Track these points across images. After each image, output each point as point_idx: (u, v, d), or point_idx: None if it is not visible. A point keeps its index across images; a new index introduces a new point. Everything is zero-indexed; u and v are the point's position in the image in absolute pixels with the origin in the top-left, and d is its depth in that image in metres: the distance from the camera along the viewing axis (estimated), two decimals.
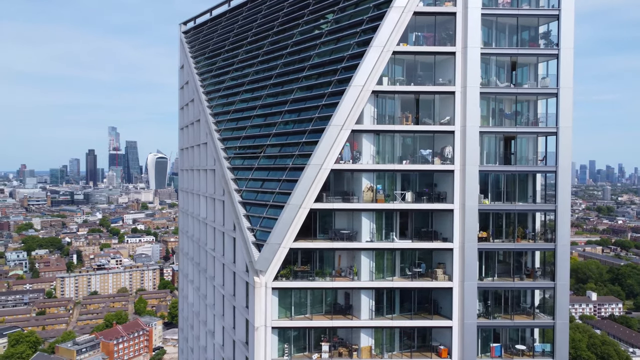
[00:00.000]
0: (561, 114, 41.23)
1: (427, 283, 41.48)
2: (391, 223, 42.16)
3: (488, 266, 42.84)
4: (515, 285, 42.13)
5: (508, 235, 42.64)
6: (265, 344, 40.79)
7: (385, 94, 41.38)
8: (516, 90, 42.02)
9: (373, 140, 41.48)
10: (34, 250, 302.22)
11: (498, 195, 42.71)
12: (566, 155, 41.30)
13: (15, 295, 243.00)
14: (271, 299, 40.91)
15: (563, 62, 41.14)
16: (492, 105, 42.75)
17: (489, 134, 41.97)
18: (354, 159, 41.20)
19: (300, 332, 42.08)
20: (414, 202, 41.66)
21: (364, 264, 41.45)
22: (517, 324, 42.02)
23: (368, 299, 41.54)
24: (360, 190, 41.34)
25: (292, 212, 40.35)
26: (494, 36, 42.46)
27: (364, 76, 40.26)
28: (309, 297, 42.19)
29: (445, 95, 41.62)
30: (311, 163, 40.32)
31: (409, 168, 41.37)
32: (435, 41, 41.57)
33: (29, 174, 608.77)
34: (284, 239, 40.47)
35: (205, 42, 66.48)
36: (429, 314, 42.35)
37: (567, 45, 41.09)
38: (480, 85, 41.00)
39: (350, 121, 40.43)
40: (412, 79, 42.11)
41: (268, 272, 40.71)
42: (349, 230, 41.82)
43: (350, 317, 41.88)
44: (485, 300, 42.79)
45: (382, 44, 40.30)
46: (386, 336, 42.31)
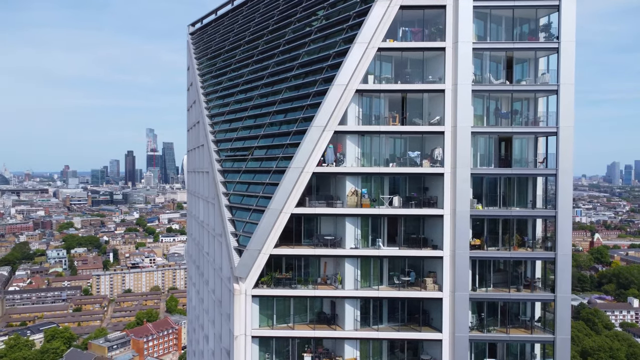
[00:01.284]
0: (562, 112, 38.14)
1: (415, 293, 39.14)
2: (378, 229, 40.00)
3: (482, 276, 40.11)
4: (510, 297, 39.26)
5: (505, 243, 39.83)
6: (245, 354, 39.35)
7: (370, 92, 39.28)
8: (512, 87, 39.14)
9: (358, 142, 39.44)
10: (74, 249, 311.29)
11: (494, 200, 39.96)
12: (567, 156, 38.18)
13: (54, 291, 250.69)
14: (251, 306, 39.43)
15: (564, 57, 38.05)
16: (486, 104, 40.02)
17: (483, 134, 39.26)
18: (337, 161, 39.26)
19: (283, 342, 40.45)
20: (402, 207, 39.37)
21: (349, 271, 39.45)
22: (513, 339, 39.14)
23: (353, 308, 39.52)
24: (345, 194, 39.38)
25: (273, 217, 38.75)
26: (489, 30, 39.71)
27: (347, 74, 38.29)
28: (292, 306, 40.48)
29: (435, 94, 39.18)
30: (292, 166, 38.62)
31: (395, 171, 39.14)
32: (424, 36, 39.21)
33: (72, 174, 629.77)
34: (264, 245, 38.92)
35: (208, 43, 65.70)
36: (419, 326, 40.00)
37: (568, 38, 37.98)
38: (473, 83, 38.42)
39: (333, 122, 38.53)
40: (401, 77, 39.86)
41: (248, 279, 39.26)
42: (333, 236, 39.93)
43: (335, 327, 39.96)
44: (480, 312, 40.09)
45: (367, 40, 38.22)
46: (373, 348, 40.19)
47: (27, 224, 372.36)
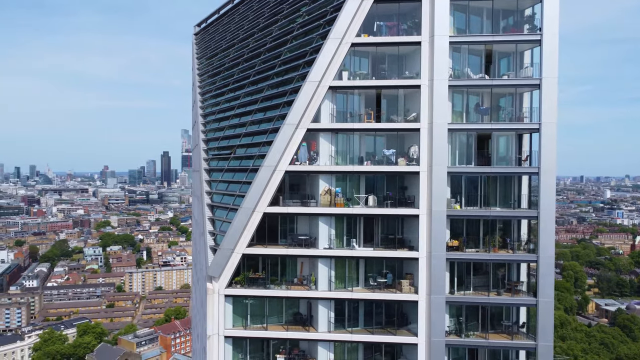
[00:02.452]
0: (544, 108, 36.28)
1: (390, 295, 37.99)
2: (353, 229, 39.03)
3: (461, 278, 38.61)
4: (489, 301, 37.63)
5: (486, 244, 38.21)
6: (218, 354, 39.06)
7: (344, 89, 38.35)
8: (491, 82, 37.47)
9: (331, 140, 38.57)
10: (109, 246, 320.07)
11: (474, 200, 38.39)
12: (550, 154, 36.27)
13: (89, 288, 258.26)
14: (224, 306, 39.11)
15: (546, 49, 36.19)
16: (466, 100, 38.48)
17: (460, 131, 37.76)
18: (311, 159, 38.51)
19: (257, 343, 39.97)
20: (377, 206, 38.30)
21: (322, 272, 38.63)
22: (493, 344, 37.48)
23: (326, 310, 38.67)
24: (319, 193, 38.59)
25: (245, 216, 38.34)
26: (469, 23, 38.17)
27: (320, 71, 37.51)
28: (267, 306, 39.92)
29: (412, 90, 37.95)
30: (264, 164, 38.11)
31: (369, 170, 38.09)
32: (400, 31, 38.02)
33: (110, 174, 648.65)
34: (237, 244, 38.55)
35: (208, 42, 66.01)
36: (397, 329, 38.81)
37: (551, 30, 36.10)
38: (450, 78, 37.00)
39: (306, 120, 37.82)
40: (377, 73, 38.81)
41: (221, 279, 38.96)
42: (308, 236, 39.19)
43: (310, 328, 39.20)
44: (458, 316, 38.60)
45: (340, 35, 37.34)
46: (348, 351, 39.23)
47: (67, 222, 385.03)
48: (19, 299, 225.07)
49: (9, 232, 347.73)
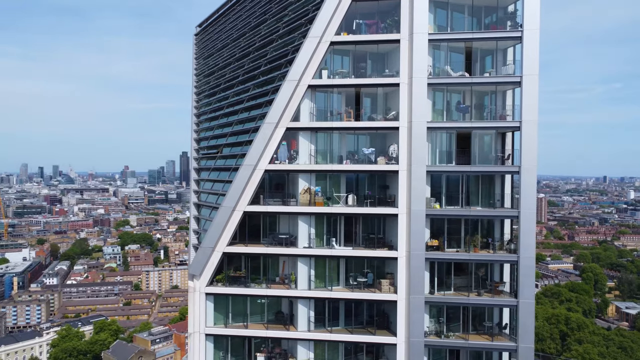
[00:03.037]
0: (525, 105, 35.70)
1: (369, 295, 37.79)
2: (334, 228, 38.91)
3: (442, 278, 38.21)
4: (469, 302, 37.14)
5: (467, 244, 37.74)
6: (199, 351, 39.36)
7: (323, 88, 38.27)
8: (470, 79, 36.96)
9: (311, 139, 38.51)
10: (128, 245, 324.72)
11: (455, 199, 37.95)
12: (530, 153, 35.68)
13: (107, 286, 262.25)
14: (205, 304, 39.39)
15: (527, 46, 35.61)
16: (447, 98, 38.07)
17: (440, 129, 37.37)
18: (290, 158, 38.52)
19: (239, 342, 40.11)
20: (357, 205, 38.13)
21: (302, 271, 38.60)
22: (472, 345, 36.99)
23: (306, 309, 38.64)
24: (299, 192, 38.59)
25: (225, 215, 38.54)
26: (450, 20, 37.76)
27: (299, 70, 37.51)
28: (248, 305, 40.03)
29: (392, 89, 37.68)
30: (244, 163, 38.27)
31: (348, 169, 37.94)
32: (379, 29, 37.79)
33: (131, 174, 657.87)
34: (218, 243, 38.78)
35: (205, 43, 66.38)
36: (378, 329, 38.58)
37: (532, 26, 35.50)
38: (430, 76, 36.65)
39: (286, 118, 37.85)
40: (357, 71, 38.62)
41: (202, 277, 39.25)
42: (288, 235, 39.20)
43: (291, 327, 39.19)
44: (439, 316, 38.20)
45: (319, 34, 37.29)
46: (329, 350, 39.11)
47: (88, 222, 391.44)
48: (39, 296, 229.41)
49: (31, 231, 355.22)
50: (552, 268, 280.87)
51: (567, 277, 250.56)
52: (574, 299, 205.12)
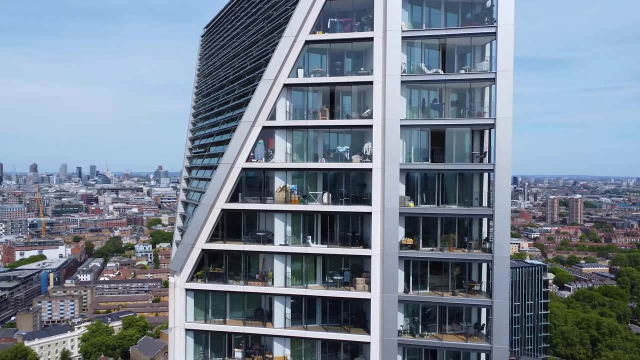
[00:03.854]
0: (499, 102, 35.15)
1: (343, 293, 37.84)
2: (310, 226, 39.08)
3: (417, 277, 37.93)
4: (443, 301, 36.75)
5: (443, 242, 37.35)
6: (179, 346, 40.18)
7: (299, 86, 38.52)
8: (445, 77, 36.56)
9: (286, 137, 38.82)
10: (159, 243, 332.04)
11: (430, 197, 37.62)
12: (505, 151, 35.08)
13: (138, 283, 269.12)
14: (185, 300, 40.20)
15: (501, 42, 35.04)
16: (422, 96, 37.76)
17: (414, 127, 37.11)
18: (267, 157, 38.95)
19: (219, 337, 40.72)
20: (332, 203, 38.24)
21: (278, 268, 38.98)
22: (446, 345, 36.57)
23: (282, 305, 38.99)
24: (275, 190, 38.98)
25: (204, 212, 39.27)
26: (430, 17, 37.45)
27: (274, 69, 37.90)
28: (228, 301, 40.63)
29: (368, 87, 37.62)
30: (222, 162, 38.94)
31: (321, 166, 38.07)
32: (354, 27, 37.80)
33: (164, 174, 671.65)
34: (197, 240, 39.52)
35: (209, 43, 67.58)
36: (355, 327, 38.59)
37: (506, 21, 34.91)
38: (403, 74, 36.46)
39: (262, 117, 38.30)
40: (332, 70, 38.74)
41: (182, 273, 40.07)
42: (266, 232, 39.61)
43: (267, 324, 39.55)
44: (414, 315, 37.93)
45: (293, 33, 37.59)
46: (305, 348, 39.33)
47: (122, 220, 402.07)
48: (73, 292, 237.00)
49: (68, 229, 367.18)
50: (586, 271, 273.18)
51: (602, 281, 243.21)
52: (608, 303, 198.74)
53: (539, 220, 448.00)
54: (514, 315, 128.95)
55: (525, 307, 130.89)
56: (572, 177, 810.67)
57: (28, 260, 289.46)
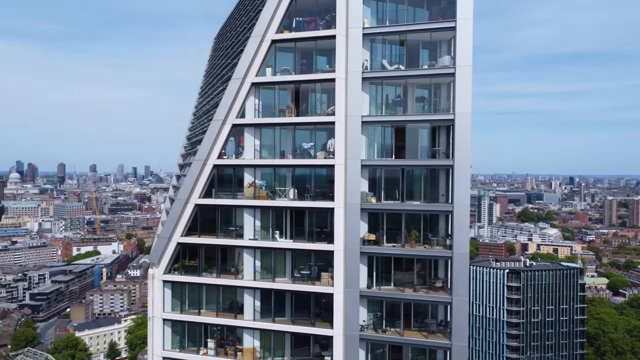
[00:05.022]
0: (458, 98, 34.84)
1: (308, 287, 38.45)
2: (279, 221, 39.93)
3: (382, 273, 38.03)
4: (404, 297, 36.70)
5: (406, 239, 37.32)
6: (157, 335, 42.01)
7: (266, 85, 39.47)
8: (405, 72, 36.51)
9: (255, 134, 39.85)
10: None
11: (393, 194, 37.63)
12: (464, 146, 34.76)
13: None
14: (163, 291, 41.97)
15: (460, 37, 34.74)
16: (385, 92, 37.84)
17: (375, 124, 37.28)
18: (237, 154, 40.15)
19: (195, 328, 42.23)
20: (297, 199, 38.97)
21: (247, 262, 40.07)
22: (407, 341, 36.52)
23: (252, 298, 40.04)
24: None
25: (179, 207, 40.93)
26: (390, 13, 37.51)
27: (242, 68, 39.09)
28: (203, 293, 42.08)
29: (332, 84, 38.07)
30: (195, 159, 40.48)
31: (286, 163, 38.87)
32: (318, 25, 38.36)
33: None
34: (173, 233, 41.23)
35: (217, 44, 69.67)
36: (322, 321, 39.15)
37: (465, 15, 34.57)
38: (365, 70, 36.74)
39: (232, 115, 39.54)
40: (300, 68, 39.45)
41: (160, 265, 41.89)
42: (238, 227, 40.79)
43: (239, 316, 40.71)
44: (377, 311, 38.05)
45: (260, 33, 38.63)
46: (275, 340, 40.19)
47: None
48: (122, 286, 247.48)
49: (122, 226, 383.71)
50: None
51: None
52: None
53: (595, 223, 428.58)
54: (547, 320, 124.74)
55: (559, 312, 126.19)
56: (635, 178, 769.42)
57: (84, 255, 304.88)
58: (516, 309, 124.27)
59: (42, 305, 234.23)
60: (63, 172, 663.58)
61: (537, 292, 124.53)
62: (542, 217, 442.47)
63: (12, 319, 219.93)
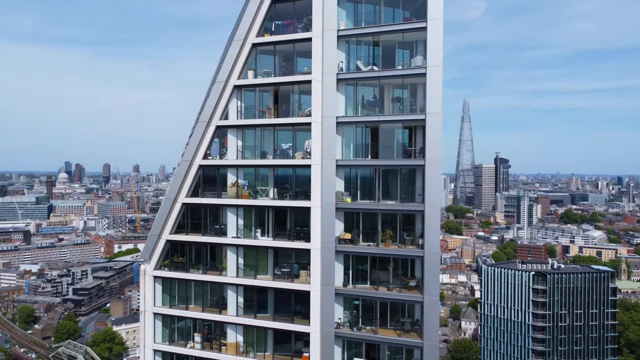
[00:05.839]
0: (429, 98, 35.02)
1: (286, 284, 39.33)
2: (262, 220, 40.96)
3: (359, 272, 38.49)
4: (377, 295, 37.09)
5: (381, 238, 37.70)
6: (149, 328, 43.77)
7: (248, 87, 40.59)
8: (377, 73, 36.85)
9: (237, 135, 41.02)
10: None
11: (369, 193, 38.06)
12: (435, 146, 34.90)
13: None
14: (154, 286, 43.70)
15: (430, 37, 34.88)
16: (361, 93, 38.29)
17: (350, 124, 37.79)
18: (221, 154, 41.44)
19: (184, 322, 43.78)
20: (277, 198, 39.91)
21: (231, 259, 41.28)
22: (380, 340, 36.88)
23: (235, 294, 41.22)
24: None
25: (167, 206, 42.57)
26: (367, 14, 37.93)
27: (225, 71, 40.32)
28: (192, 289, 43.56)
29: (309, 86, 38.83)
30: (182, 159, 41.99)
31: (264, 163, 39.85)
32: (297, 28, 39.18)
33: None
34: (162, 231, 42.91)
35: None
36: (302, 318, 39.93)
37: (436, 15, 34.68)
38: (341, 71, 37.35)
39: (216, 117, 40.85)
40: (283, 70, 40.38)
41: (151, 261, 43.64)
42: (223, 225, 42.05)
43: (220, 311, 41.96)
44: (353, 309, 38.54)
45: (241, 37, 39.77)
46: (258, 336, 41.25)
47: None
48: None
49: None
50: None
51: None
52: None
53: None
54: (575, 324, 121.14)
55: (588, 316, 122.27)
56: None
57: (124, 252, 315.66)
58: (542, 312, 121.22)
59: (84, 300, 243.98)
60: (108, 173, 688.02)
61: (565, 295, 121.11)
62: (586, 219, 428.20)
63: (56, 313, 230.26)
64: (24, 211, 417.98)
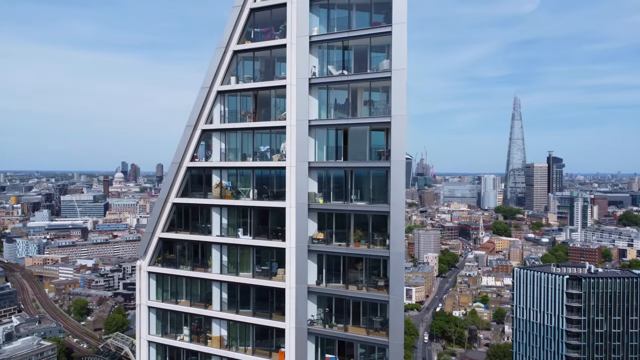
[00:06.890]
0: (394, 100, 35.64)
1: (263, 281, 40.87)
2: (244, 220, 42.68)
3: (332, 270, 39.49)
4: (346, 294, 38.00)
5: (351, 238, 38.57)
6: (143, 321, 46.40)
7: (230, 92, 42.37)
8: (347, 77, 37.69)
9: (221, 138, 42.88)
10: None
11: (341, 194, 38.98)
12: (399, 148, 35.50)
13: None
14: (148, 281, 46.30)
15: (395, 41, 35.49)
16: (334, 97, 39.25)
17: (321, 127, 38.85)
18: (207, 157, 43.47)
19: (175, 315, 46.07)
20: (256, 199, 41.50)
21: (215, 257, 43.21)
22: (349, 337, 37.78)
23: (219, 290, 43.14)
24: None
25: (159, 205, 45.05)
26: (339, 20, 38.87)
27: (209, 78, 42.33)
28: (184, 284, 45.81)
29: (284, 90, 40.21)
30: (172, 161, 44.35)
31: (247, 165, 41.49)
32: (274, 35, 40.61)
33: None
34: (155, 229, 45.43)
35: None
36: (281, 314, 41.34)
37: (400, 19, 35.29)
38: (314, 76, 38.52)
39: (201, 121, 42.93)
40: (263, 75, 41.94)
41: (146, 258, 46.26)
42: (209, 224, 44.07)
43: (206, 306, 43.98)
44: (326, 306, 39.56)
45: (224, 45, 41.63)
46: (240, 330, 43.00)
47: None
48: None
49: None
50: None
51: None
52: None
53: None
54: (613, 331, 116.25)
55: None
56: None
57: None
58: (577, 317, 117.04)
59: (134, 294, 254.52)
60: (161, 172, 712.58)
61: (602, 300, 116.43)
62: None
63: (107, 306, 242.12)
64: (82, 209, 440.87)
